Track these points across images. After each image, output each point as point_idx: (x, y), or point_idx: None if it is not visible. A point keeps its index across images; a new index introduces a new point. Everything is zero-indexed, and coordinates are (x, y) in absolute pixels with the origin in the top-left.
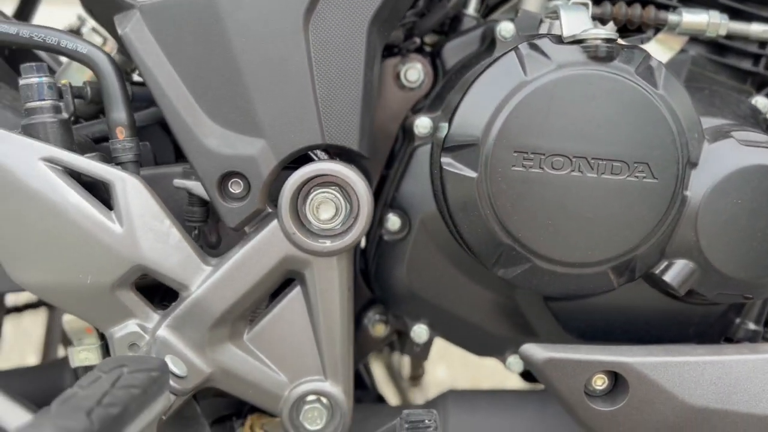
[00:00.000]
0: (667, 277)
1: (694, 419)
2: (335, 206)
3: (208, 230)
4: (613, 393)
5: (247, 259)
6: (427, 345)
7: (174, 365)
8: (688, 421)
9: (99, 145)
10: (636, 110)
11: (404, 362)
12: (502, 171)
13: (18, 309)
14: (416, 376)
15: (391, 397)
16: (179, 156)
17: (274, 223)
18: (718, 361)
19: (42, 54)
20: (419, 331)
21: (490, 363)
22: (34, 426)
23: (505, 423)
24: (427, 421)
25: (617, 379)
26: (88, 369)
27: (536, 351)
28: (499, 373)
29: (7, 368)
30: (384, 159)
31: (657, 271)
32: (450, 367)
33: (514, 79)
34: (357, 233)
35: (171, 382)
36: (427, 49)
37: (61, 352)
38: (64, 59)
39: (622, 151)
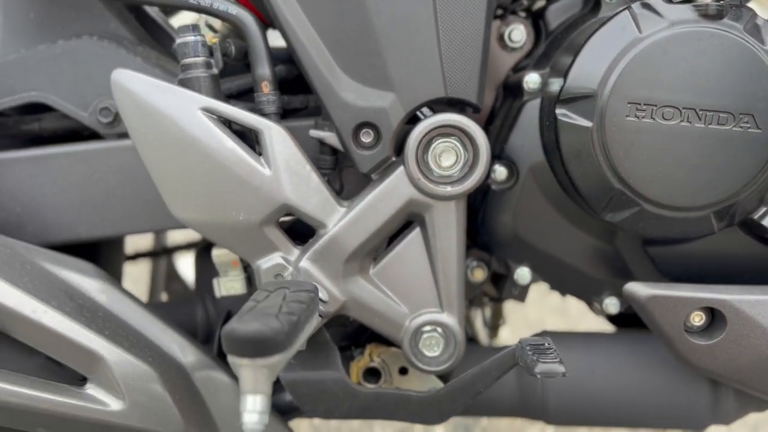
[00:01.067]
0: (766, 222)
1: None
2: (456, 154)
3: (334, 179)
4: (710, 329)
5: (377, 201)
6: (526, 288)
7: (320, 293)
8: None
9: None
10: (743, 65)
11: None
12: (616, 121)
13: (132, 257)
14: (495, 326)
15: None
16: None
17: (400, 169)
18: None
19: (158, 19)
20: (522, 274)
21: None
22: (240, 320)
23: (599, 362)
24: (546, 344)
25: (714, 317)
26: (232, 298)
27: (640, 289)
28: None
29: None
30: (485, 117)
31: (755, 217)
32: (514, 332)
33: (629, 35)
34: (476, 179)
35: (322, 307)
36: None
37: (163, 298)
38: None
39: (728, 103)
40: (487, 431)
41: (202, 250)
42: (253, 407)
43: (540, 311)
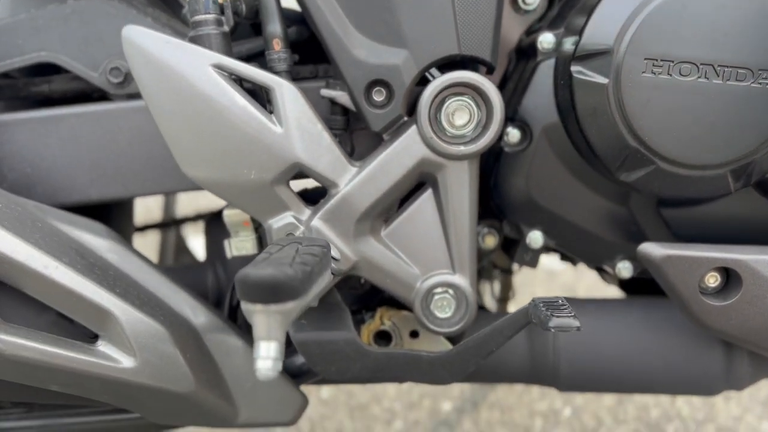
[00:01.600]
0: None
1: None
2: (469, 113)
3: (345, 140)
4: (725, 290)
5: (389, 160)
6: (538, 253)
7: (331, 250)
8: None
9: None
10: (763, 20)
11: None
12: (632, 77)
13: (141, 229)
14: (505, 299)
15: None
16: None
17: (413, 128)
18: None
19: None
20: (535, 237)
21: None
22: (256, 266)
23: (612, 327)
24: (560, 301)
25: (729, 278)
26: (243, 259)
27: (655, 249)
28: None
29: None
30: (497, 82)
31: None
32: None
33: None
34: (489, 138)
35: (333, 264)
36: None
37: None
38: None
39: (747, 59)
40: (495, 406)
41: (213, 216)
42: (267, 353)
43: (549, 291)
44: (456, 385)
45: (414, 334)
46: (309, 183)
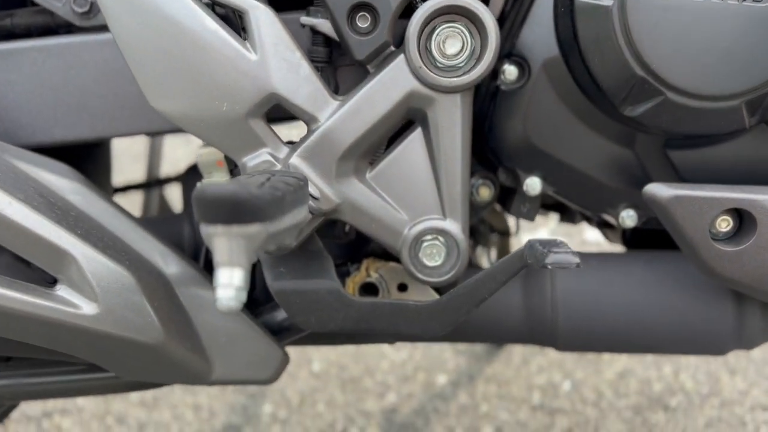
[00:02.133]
0: None
1: None
2: (461, 40)
3: (327, 75)
4: (738, 234)
5: (375, 92)
6: (537, 203)
7: (310, 187)
8: None
9: None
10: None
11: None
12: None
13: (122, 189)
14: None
15: None
16: None
17: (401, 58)
18: None
19: None
20: (533, 183)
21: None
22: (220, 185)
23: (614, 282)
24: (558, 241)
25: (742, 222)
26: None
27: (662, 189)
28: None
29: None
30: (497, 12)
31: None
32: None
33: None
34: (484, 67)
35: (311, 202)
36: None
37: None
38: None
39: None
40: (492, 380)
41: (191, 168)
42: (229, 281)
43: None
44: (452, 359)
45: (402, 287)
46: None
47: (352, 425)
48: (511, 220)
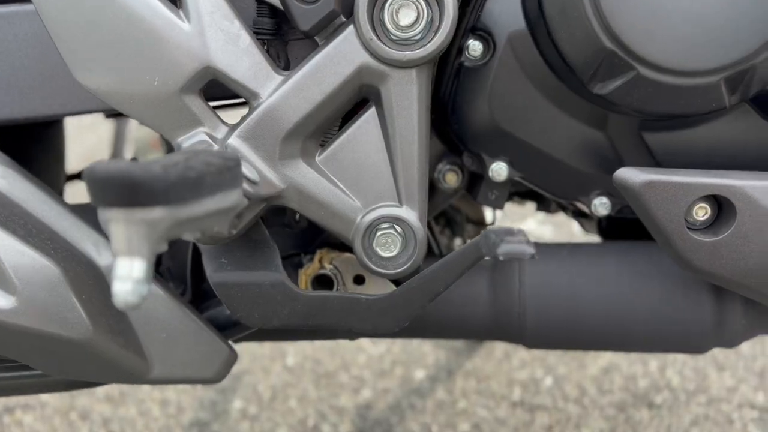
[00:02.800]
0: None
1: None
2: (416, 11)
3: (277, 51)
4: (716, 223)
5: (321, 66)
6: (504, 189)
7: (246, 169)
8: None
9: None
10: None
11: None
12: None
13: (75, 176)
14: None
15: None
16: None
17: (350, 29)
18: None
19: None
20: (498, 169)
21: None
22: (113, 163)
23: (585, 274)
24: (515, 230)
25: (721, 210)
26: None
27: (634, 174)
28: None
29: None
30: None
31: None
32: None
33: None
34: (440, 40)
35: (245, 185)
36: None
37: None
38: None
39: None
40: (472, 375)
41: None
42: (127, 273)
43: None
44: (431, 353)
45: (359, 280)
46: None
47: (324, 421)
48: (489, 210)
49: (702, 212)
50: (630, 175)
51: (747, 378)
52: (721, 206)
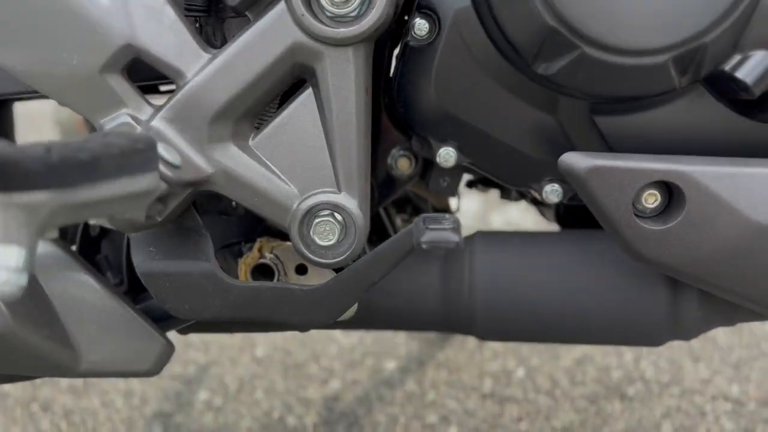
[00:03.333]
0: (740, 73)
1: (762, 240)
2: None
3: (211, 30)
4: (666, 212)
5: (251, 44)
6: (456, 175)
7: (166, 152)
8: (753, 242)
9: None
10: None
11: None
12: None
13: None
14: None
15: None
16: None
17: (282, 5)
18: None
19: None
20: (445, 154)
21: None
22: None
23: (538, 263)
24: (446, 216)
25: (671, 197)
26: None
27: (579, 159)
28: None
29: None
30: None
31: (727, 68)
32: None
33: None
34: (376, 16)
35: (163, 169)
36: None
37: None
38: None
39: None
40: (443, 366)
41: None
42: (5, 262)
43: None
44: (403, 344)
45: (301, 270)
46: None
47: (290, 414)
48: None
49: (652, 199)
50: (575, 160)
51: (722, 370)
52: (672, 192)
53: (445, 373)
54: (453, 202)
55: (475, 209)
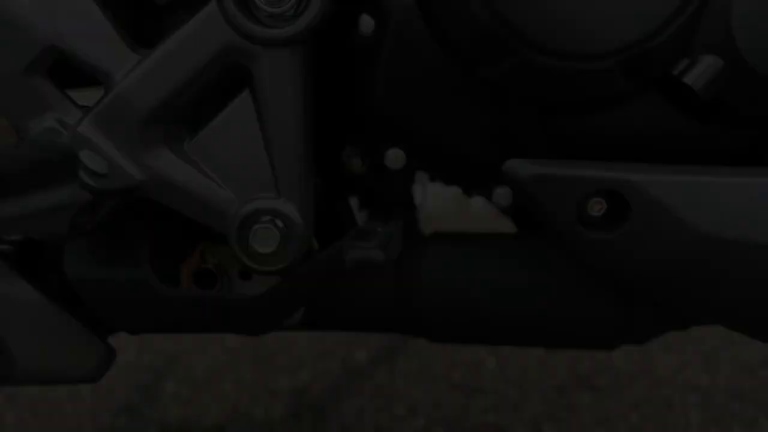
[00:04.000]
0: (688, 79)
1: (707, 251)
2: None
3: (152, 29)
4: (612, 220)
5: (182, 44)
6: (406, 177)
7: (89, 160)
8: (698, 253)
9: None
10: None
11: None
12: None
13: None
14: None
15: None
16: None
17: (213, 4)
18: (742, 183)
19: None
20: (393, 156)
21: None
22: None
23: (488, 263)
24: (378, 229)
25: (618, 206)
26: None
27: (522, 166)
28: None
29: None
30: None
31: (675, 73)
32: None
33: None
34: (310, 16)
35: (86, 179)
36: None
37: None
38: None
39: None
40: (415, 357)
41: None
42: None
43: None
44: (375, 334)
45: (246, 276)
46: None
47: (256, 405)
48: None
49: (598, 207)
50: (518, 167)
51: (693, 360)
52: (618, 201)
53: (416, 364)
54: (418, 195)
55: (456, 191)
